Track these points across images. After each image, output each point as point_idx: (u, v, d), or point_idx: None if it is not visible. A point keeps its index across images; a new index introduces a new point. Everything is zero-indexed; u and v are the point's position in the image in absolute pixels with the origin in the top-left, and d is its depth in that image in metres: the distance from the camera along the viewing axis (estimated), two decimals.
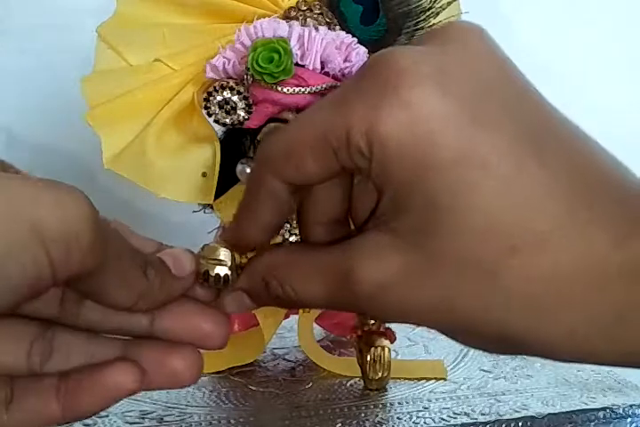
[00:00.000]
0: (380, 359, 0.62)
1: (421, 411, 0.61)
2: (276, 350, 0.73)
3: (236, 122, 0.50)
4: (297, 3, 0.54)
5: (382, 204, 0.34)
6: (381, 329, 0.64)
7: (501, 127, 0.32)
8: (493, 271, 0.31)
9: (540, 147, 0.32)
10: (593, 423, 0.61)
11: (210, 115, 0.51)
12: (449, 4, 0.58)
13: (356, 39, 0.53)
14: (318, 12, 0.53)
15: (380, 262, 0.34)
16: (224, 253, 0.44)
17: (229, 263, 0.43)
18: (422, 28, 0.57)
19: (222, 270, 0.43)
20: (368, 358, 0.62)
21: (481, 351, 0.37)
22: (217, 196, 0.53)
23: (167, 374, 0.39)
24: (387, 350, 0.63)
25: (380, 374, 0.63)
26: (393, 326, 0.66)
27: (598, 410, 0.62)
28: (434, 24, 0.58)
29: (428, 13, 0.57)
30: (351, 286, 0.34)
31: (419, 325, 0.35)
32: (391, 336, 0.65)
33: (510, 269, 0.31)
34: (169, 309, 0.39)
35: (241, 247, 0.41)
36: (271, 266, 0.40)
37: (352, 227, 0.39)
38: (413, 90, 0.32)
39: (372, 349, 0.62)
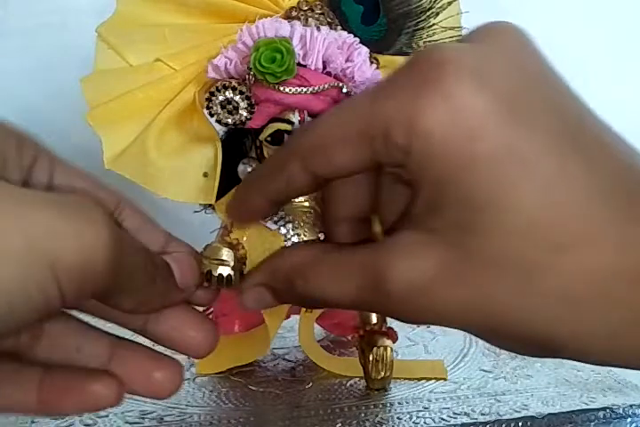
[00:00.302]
0: (383, 359, 0.62)
1: (421, 411, 0.61)
2: (275, 350, 0.73)
3: (238, 122, 0.50)
4: (298, 3, 0.54)
5: (417, 201, 0.34)
6: (383, 329, 0.64)
7: (542, 125, 0.31)
8: (533, 270, 0.31)
9: (579, 146, 0.31)
10: (593, 423, 0.61)
11: (212, 115, 0.51)
12: (449, 3, 0.58)
13: (357, 39, 0.53)
14: (319, 11, 0.53)
15: (415, 261, 0.33)
16: (227, 254, 0.44)
17: (232, 263, 0.43)
18: (423, 28, 0.57)
19: (225, 270, 0.43)
20: (370, 358, 0.62)
21: (481, 351, 0.37)
22: (218, 196, 0.53)
23: (149, 384, 0.39)
24: (389, 349, 0.63)
25: (382, 374, 0.63)
26: (393, 325, 0.66)
27: (598, 410, 0.62)
28: (434, 24, 0.58)
29: (428, 13, 0.57)
30: (383, 286, 0.33)
31: (449, 326, 0.34)
32: (393, 336, 0.65)
33: (550, 268, 0.31)
34: (163, 312, 0.39)
35: (239, 215, 0.42)
36: (297, 264, 0.39)
37: (378, 229, 0.39)
38: (454, 84, 0.32)
39: (375, 348, 0.62)
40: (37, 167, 0.35)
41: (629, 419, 0.62)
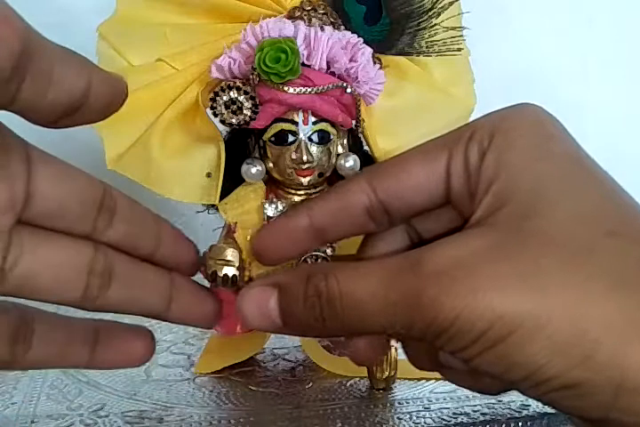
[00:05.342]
0: (387, 358, 0.62)
1: (422, 411, 0.61)
2: (275, 350, 0.73)
3: (242, 122, 0.50)
4: (301, 2, 0.53)
5: (480, 207, 0.36)
6: None
7: None
8: (585, 248, 0.32)
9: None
10: None
11: (216, 115, 0.51)
12: (450, 4, 0.58)
13: (361, 39, 0.53)
14: (322, 11, 0.53)
15: (461, 244, 0.34)
16: (231, 254, 0.44)
17: (237, 264, 0.44)
18: (424, 28, 0.57)
19: (230, 271, 0.43)
20: None
21: None
22: (222, 196, 0.53)
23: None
24: (393, 349, 0.63)
25: (387, 374, 0.63)
26: None
27: None
28: (435, 24, 0.58)
29: (430, 14, 0.57)
30: (417, 266, 0.34)
31: (470, 315, 0.32)
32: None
33: (607, 248, 0.33)
34: (179, 299, 0.40)
35: (272, 243, 0.41)
36: (321, 264, 0.39)
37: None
38: (541, 110, 0.37)
39: None
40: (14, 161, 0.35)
41: None
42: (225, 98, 0.50)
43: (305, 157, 0.51)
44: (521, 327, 0.32)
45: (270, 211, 0.53)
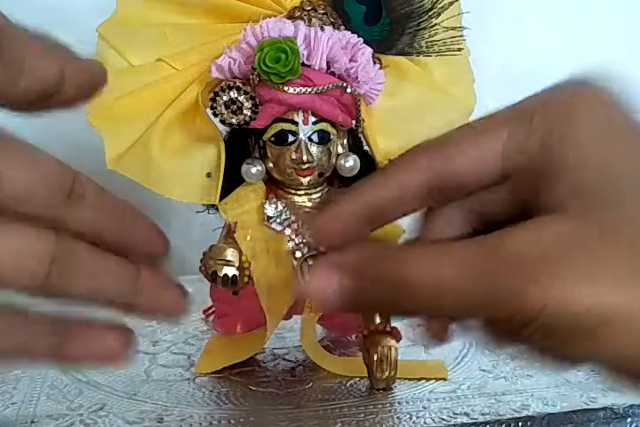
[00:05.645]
0: (387, 358, 0.62)
1: (421, 411, 0.61)
2: (275, 350, 0.73)
3: (242, 122, 0.50)
4: (301, 2, 0.54)
5: (554, 188, 0.34)
6: (387, 329, 0.64)
7: None
8: None
9: None
10: (593, 423, 0.61)
11: (216, 115, 0.51)
12: (450, 4, 0.58)
13: (361, 39, 0.53)
14: (322, 11, 0.53)
15: (537, 229, 0.32)
16: (231, 254, 0.44)
17: (237, 264, 0.44)
18: (424, 28, 0.57)
19: (230, 271, 0.43)
20: (375, 358, 0.62)
21: (480, 351, 0.37)
22: (222, 196, 0.53)
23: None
24: (393, 349, 0.62)
25: (386, 374, 0.63)
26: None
27: (598, 410, 0.61)
28: (435, 24, 0.58)
29: (430, 14, 0.57)
30: (497, 251, 0.32)
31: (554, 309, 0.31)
32: (397, 335, 0.64)
33: None
34: (144, 290, 0.39)
35: (326, 228, 0.40)
36: (395, 248, 0.38)
37: None
38: (608, 93, 0.35)
39: (379, 348, 0.62)
40: None
41: (629, 419, 0.62)
42: (225, 98, 0.50)
43: (305, 157, 0.52)
44: (612, 320, 0.31)
45: (270, 211, 0.53)
